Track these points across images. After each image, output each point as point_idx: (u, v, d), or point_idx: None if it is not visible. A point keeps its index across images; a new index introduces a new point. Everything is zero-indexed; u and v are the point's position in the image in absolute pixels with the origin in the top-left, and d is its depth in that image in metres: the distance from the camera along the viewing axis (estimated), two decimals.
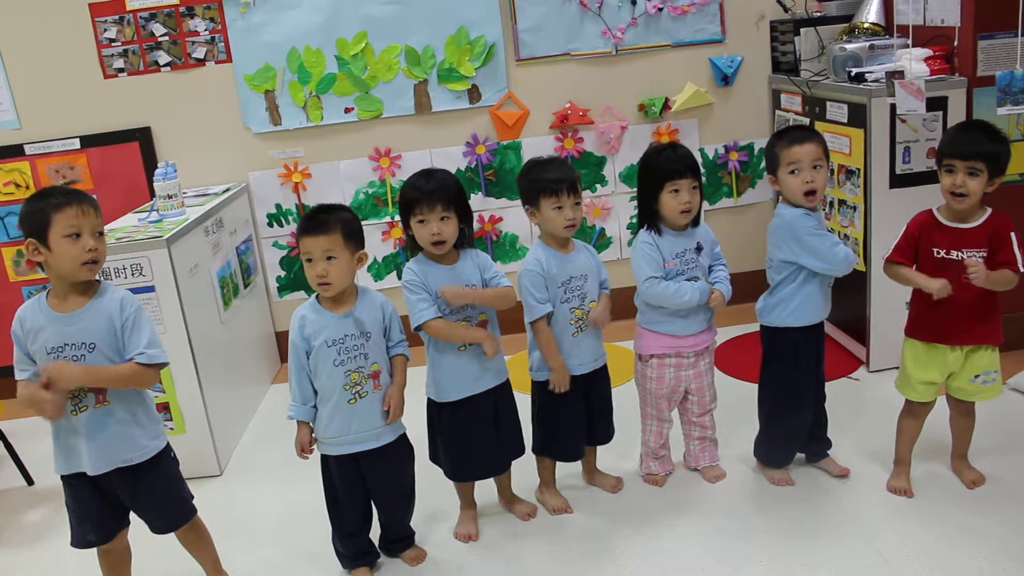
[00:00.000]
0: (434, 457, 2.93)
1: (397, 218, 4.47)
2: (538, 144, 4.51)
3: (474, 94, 4.42)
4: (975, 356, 2.81)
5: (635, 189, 3.07)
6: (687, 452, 3.24)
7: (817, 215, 2.87)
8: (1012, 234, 2.70)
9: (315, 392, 2.61)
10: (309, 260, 2.52)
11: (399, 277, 4.56)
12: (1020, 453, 3.15)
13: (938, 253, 2.75)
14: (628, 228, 4.64)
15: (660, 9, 4.42)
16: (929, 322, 2.83)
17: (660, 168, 2.87)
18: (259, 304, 4.47)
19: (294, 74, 4.30)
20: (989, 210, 2.74)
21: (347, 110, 4.38)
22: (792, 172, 2.82)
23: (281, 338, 4.57)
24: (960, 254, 2.71)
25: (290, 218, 4.48)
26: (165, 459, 2.53)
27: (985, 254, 2.70)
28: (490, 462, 2.93)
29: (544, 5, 4.36)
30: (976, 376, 2.83)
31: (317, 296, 2.61)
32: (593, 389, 3.02)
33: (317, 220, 2.52)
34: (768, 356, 3.05)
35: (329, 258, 2.50)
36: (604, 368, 3.04)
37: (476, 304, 2.76)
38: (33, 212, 2.31)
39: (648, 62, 4.51)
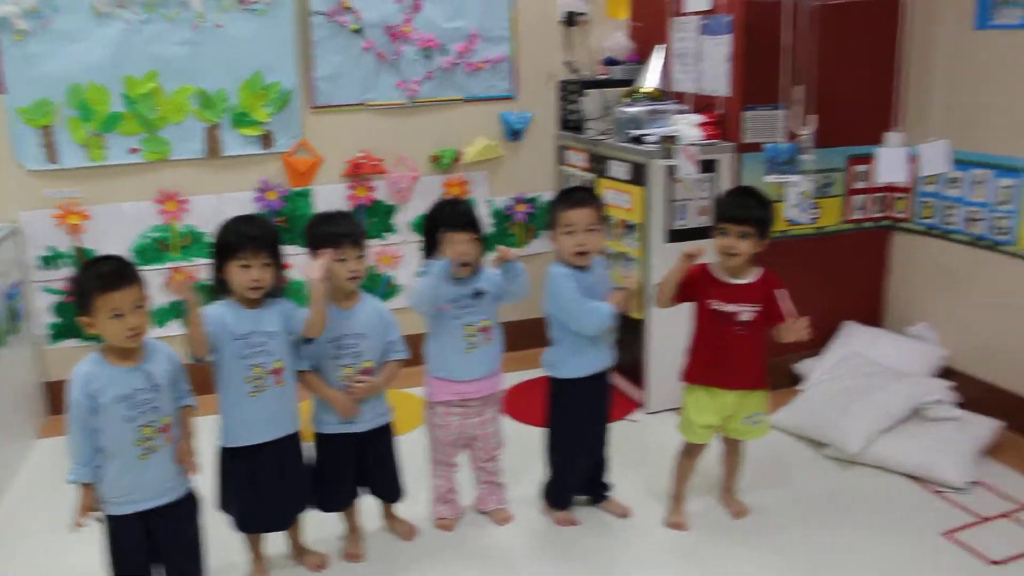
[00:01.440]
0: (225, 506, 2.86)
1: (183, 264, 4.34)
2: (330, 192, 4.51)
3: (267, 140, 4.38)
4: (748, 399, 3.07)
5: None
6: (477, 496, 3.31)
7: (588, 274, 3.03)
8: (780, 292, 3.00)
9: (99, 450, 2.48)
10: (119, 316, 2.38)
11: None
12: (778, 485, 3.44)
13: (712, 305, 3.00)
14: (418, 276, 4.69)
15: (455, 65, 4.57)
16: (706, 369, 3.07)
17: (440, 221, 3.00)
18: (26, 352, 4.17)
19: (75, 110, 4.09)
20: (761, 269, 3.02)
21: (132, 151, 4.20)
22: (567, 233, 2.99)
23: (52, 388, 4.27)
24: (732, 307, 2.97)
25: (66, 261, 4.23)
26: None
27: (758, 309, 2.97)
28: (275, 513, 2.89)
29: (341, 54, 4.40)
30: (748, 417, 3.08)
31: (102, 350, 2.48)
32: (374, 447, 3.03)
33: (123, 274, 2.42)
34: (552, 404, 3.18)
35: (138, 307, 2.42)
36: (387, 426, 3.06)
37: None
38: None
39: (442, 115, 4.63)
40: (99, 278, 2.39)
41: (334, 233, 2.84)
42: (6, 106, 4.05)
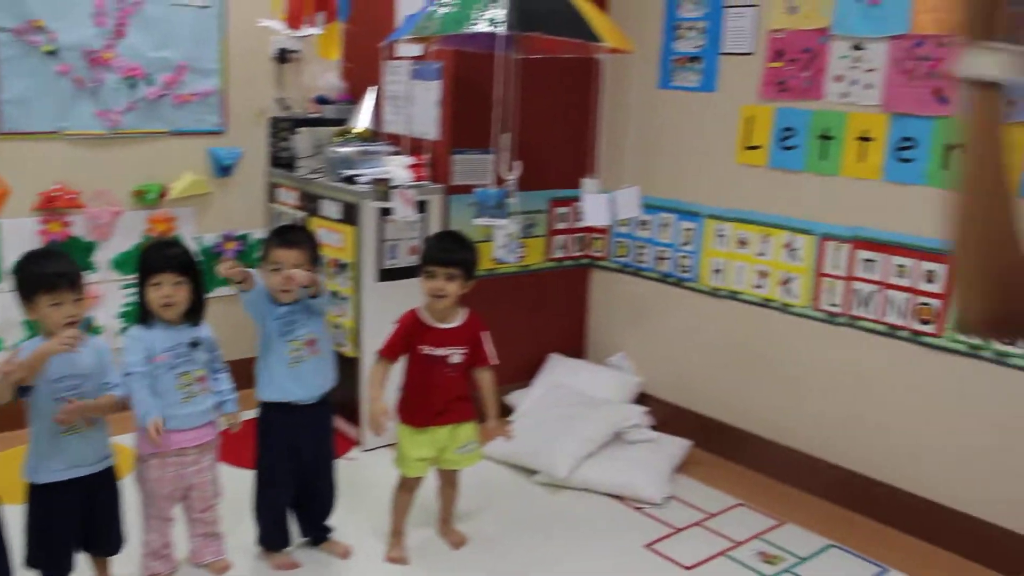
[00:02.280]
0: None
1: None
2: (20, 225, 4.14)
3: None
4: (459, 431, 3.19)
5: (127, 276, 3.04)
6: (191, 549, 3.16)
7: (287, 307, 3.06)
8: (484, 334, 3.17)
9: None
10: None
11: None
12: (493, 512, 3.59)
13: (423, 350, 3.10)
14: (119, 316, 4.43)
15: (162, 96, 4.39)
16: (418, 409, 3.15)
17: (146, 263, 2.90)
18: None
19: None
20: (467, 312, 3.16)
21: None
22: (274, 270, 3.00)
23: None
24: (442, 351, 3.10)
25: None
26: None
27: (466, 351, 3.12)
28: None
29: (32, 77, 4.07)
30: (461, 447, 3.20)
31: None
32: (99, 492, 2.82)
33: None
34: (257, 433, 3.17)
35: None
36: (110, 470, 2.86)
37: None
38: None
39: (146, 148, 4.43)
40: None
41: (49, 274, 2.64)
42: None
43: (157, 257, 2.89)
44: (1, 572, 2.65)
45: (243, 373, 3.32)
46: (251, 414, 3.12)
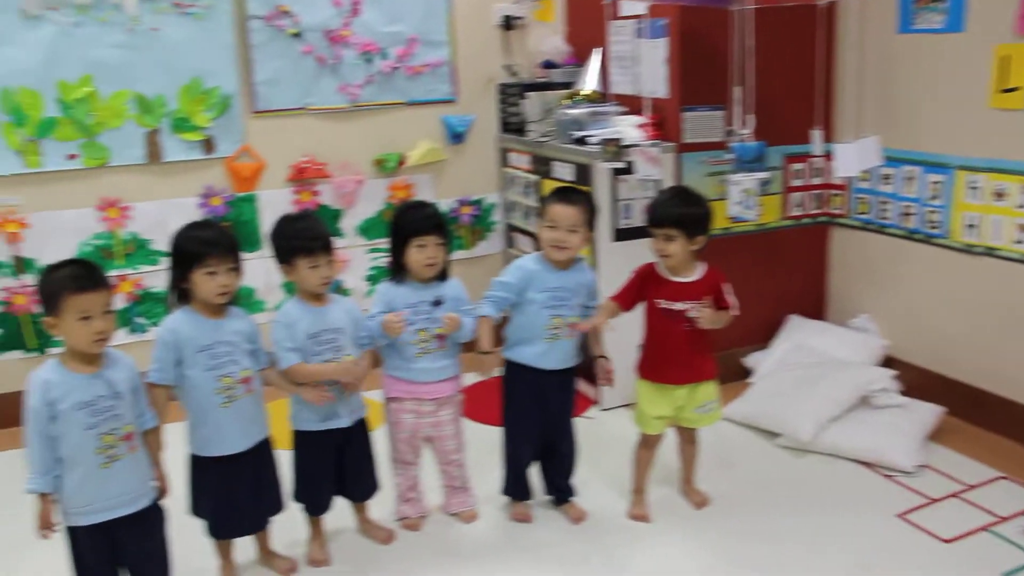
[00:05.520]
0: (196, 511, 2.81)
1: (128, 271, 4.24)
2: (275, 197, 4.45)
3: (209, 145, 4.30)
4: (698, 390, 3.14)
5: (372, 241, 3.16)
6: (444, 498, 3.32)
7: (562, 274, 3.07)
8: (725, 286, 3.08)
9: (59, 460, 2.40)
10: (87, 319, 2.32)
11: (132, 332, 4.31)
12: (735, 475, 3.52)
13: (660, 304, 3.06)
14: (366, 279, 4.68)
15: (395, 69, 4.56)
16: (657, 366, 3.13)
17: (411, 225, 2.99)
18: None
19: (8, 115, 3.96)
20: (705, 266, 3.09)
21: (70, 156, 4.09)
22: (549, 227, 3.03)
23: None
24: (680, 305, 3.03)
25: (5, 271, 4.09)
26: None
27: (707, 305, 3.03)
28: (250, 520, 2.86)
29: (281, 58, 4.35)
30: (700, 406, 3.15)
31: (60, 357, 2.41)
32: (350, 443, 3.02)
33: (94, 277, 2.37)
34: (502, 387, 3.23)
35: (106, 312, 2.36)
36: (362, 422, 3.05)
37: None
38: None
39: (384, 119, 4.62)
40: (71, 279, 2.33)
41: (305, 239, 2.81)
42: None
43: (422, 220, 2.99)
44: (274, 500, 2.92)
45: None
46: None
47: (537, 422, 3.19)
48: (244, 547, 2.97)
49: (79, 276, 2.34)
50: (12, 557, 3.02)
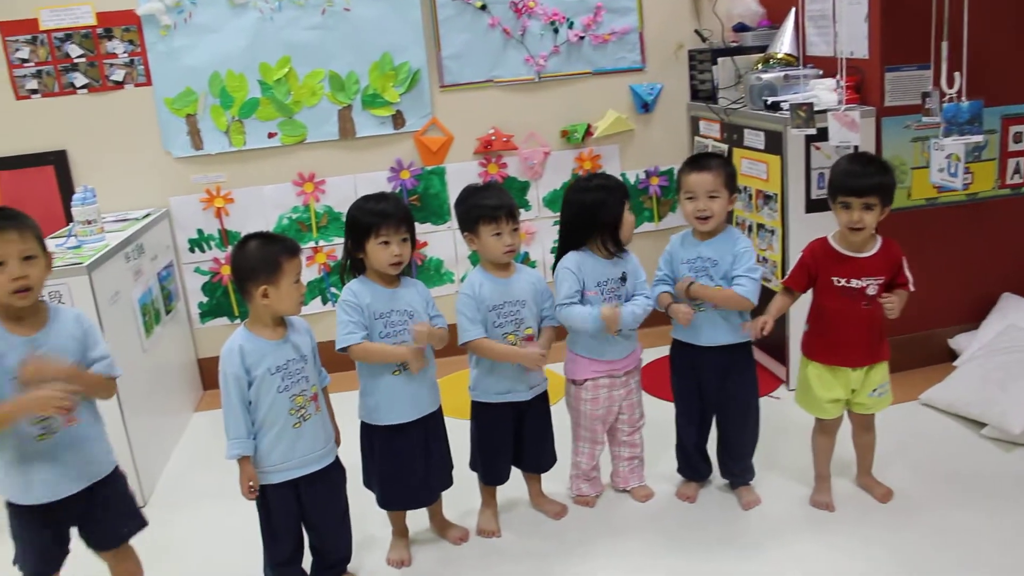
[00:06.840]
0: (368, 483, 2.92)
1: (322, 243, 4.46)
2: (462, 170, 4.54)
3: (398, 120, 4.43)
4: (873, 372, 2.96)
5: (558, 214, 3.13)
6: (615, 473, 3.27)
7: (706, 245, 2.97)
8: (903, 260, 2.88)
9: (254, 423, 2.55)
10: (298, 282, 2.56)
11: (324, 302, 4.54)
12: (929, 467, 3.28)
13: (838, 282, 2.88)
14: (552, 252, 4.69)
15: (581, 38, 4.51)
16: (830, 347, 2.95)
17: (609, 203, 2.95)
18: (181, 331, 4.38)
19: (216, 98, 4.25)
20: (880, 239, 2.88)
21: (270, 135, 4.34)
22: (689, 199, 2.93)
23: (204, 365, 4.48)
24: (859, 282, 2.85)
25: (212, 243, 4.42)
26: (117, 468, 2.51)
27: (882, 281, 2.85)
28: (421, 492, 2.93)
29: (467, 32, 4.41)
30: (874, 390, 2.97)
31: (247, 325, 2.57)
32: (529, 416, 3.03)
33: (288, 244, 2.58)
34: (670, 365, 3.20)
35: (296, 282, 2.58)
36: (544, 395, 3.06)
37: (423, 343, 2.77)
38: None
39: (570, 89, 4.59)
40: (286, 250, 2.53)
41: (488, 206, 2.83)
42: (154, 97, 4.24)
43: (620, 196, 2.96)
44: (444, 475, 2.97)
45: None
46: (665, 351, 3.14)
47: (695, 400, 3.11)
48: (418, 516, 3.06)
49: (294, 246, 2.56)
50: (224, 506, 3.22)
